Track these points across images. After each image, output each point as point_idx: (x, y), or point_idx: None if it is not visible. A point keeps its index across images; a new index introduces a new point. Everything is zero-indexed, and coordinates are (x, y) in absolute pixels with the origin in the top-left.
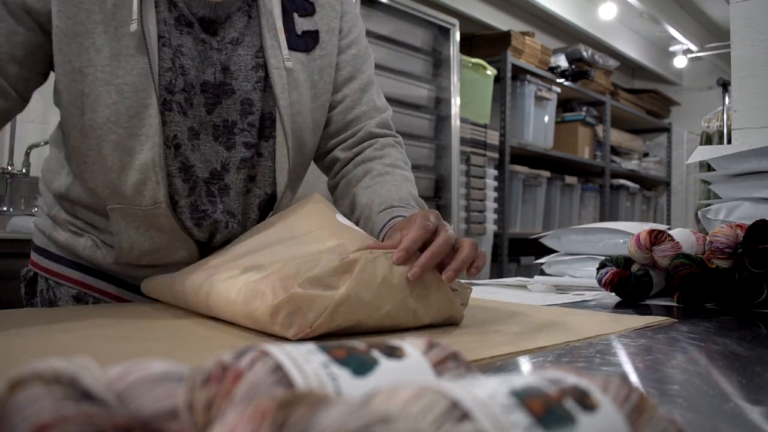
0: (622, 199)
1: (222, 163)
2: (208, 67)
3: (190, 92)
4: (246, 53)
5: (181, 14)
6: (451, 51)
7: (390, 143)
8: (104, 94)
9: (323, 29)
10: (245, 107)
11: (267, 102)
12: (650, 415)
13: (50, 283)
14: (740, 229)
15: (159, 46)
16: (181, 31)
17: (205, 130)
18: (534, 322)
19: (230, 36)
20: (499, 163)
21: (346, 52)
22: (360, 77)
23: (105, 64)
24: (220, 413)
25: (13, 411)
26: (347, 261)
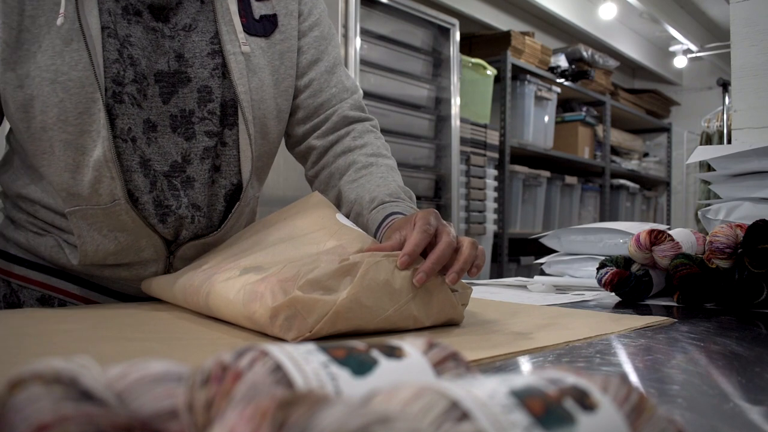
0: (622, 199)
1: (182, 155)
2: (161, 55)
3: (143, 83)
4: (200, 39)
5: (128, 3)
6: (451, 51)
7: (368, 129)
8: (51, 94)
9: (281, 12)
10: (203, 95)
11: (228, 89)
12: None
13: (13, 287)
14: (740, 229)
15: (104, 37)
16: (129, 20)
17: (162, 121)
18: (534, 322)
19: (183, 22)
20: (499, 163)
21: (308, 34)
22: (325, 59)
23: (49, 63)
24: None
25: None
26: (348, 263)
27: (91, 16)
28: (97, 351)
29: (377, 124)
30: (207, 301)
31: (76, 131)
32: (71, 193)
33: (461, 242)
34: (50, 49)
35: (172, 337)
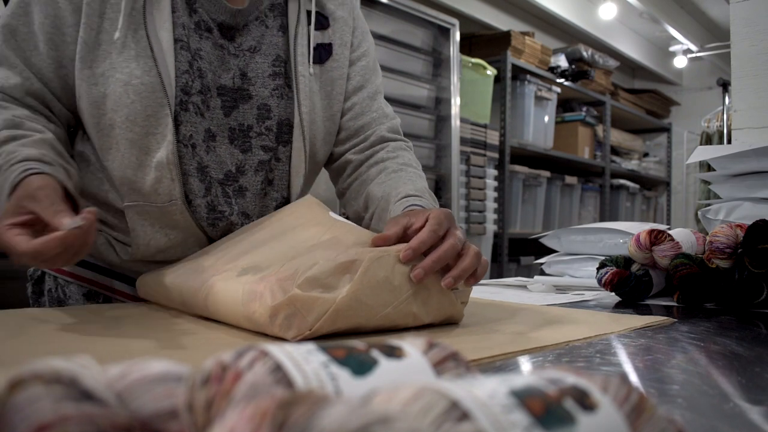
0: (622, 199)
1: (237, 166)
2: (226, 71)
3: (207, 94)
4: (263, 61)
5: (201, 20)
6: (451, 51)
7: (402, 147)
8: (123, 95)
9: (337, 42)
10: (262, 112)
11: (284, 109)
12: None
13: (59, 282)
14: (740, 229)
15: (177, 49)
16: (200, 35)
17: (222, 132)
18: (533, 321)
19: (248, 44)
20: (499, 163)
21: (357, 63)
22: (369, 87)
23: (124, 66)
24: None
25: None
26: (348, 261)
27: (163, 30)
28: (97, 351)
29: (411, 146)
30: (206, 302)
31: (142, 132)
32: (132, 189)
33: (466, 249)
34: (126, 53)
35: (172, 336)
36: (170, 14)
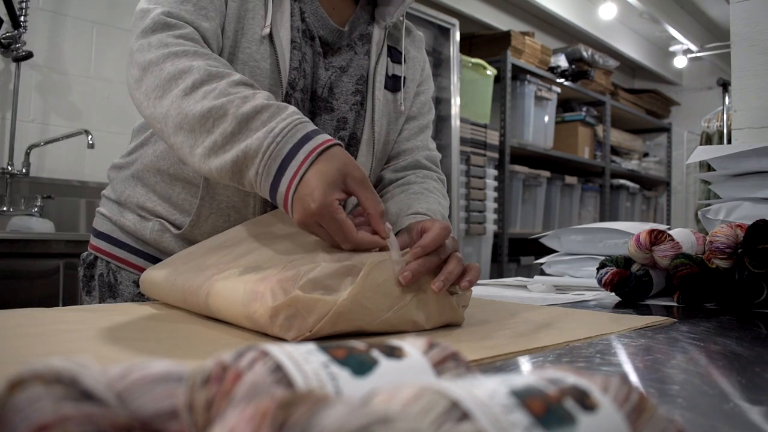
0: (622, 199)
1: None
2: (320, 80)
3: (305, 94)
4: (349, 81)
5: (307, 28)
6: (451, 51)
7: (432, 176)
8: (240, 71)
9: (409, 77)
10: (340, 124)
11: (357, 124)
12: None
13: (112, 267)
14: (740, 229)
15: (291, 48)
16: (306, 42)
17: None
18: (534, 322)
19: (339, 64)
20: (499, 163)
21: (417, 98)
22: (420, 119)
23: (246, 47)
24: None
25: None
26: (349, 264)
27: (283, 29)
28: (97, 351)
29: (444, 180)
30: (207, 301)
31: None
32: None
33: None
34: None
35: (171, 336)
36: (290, 17)
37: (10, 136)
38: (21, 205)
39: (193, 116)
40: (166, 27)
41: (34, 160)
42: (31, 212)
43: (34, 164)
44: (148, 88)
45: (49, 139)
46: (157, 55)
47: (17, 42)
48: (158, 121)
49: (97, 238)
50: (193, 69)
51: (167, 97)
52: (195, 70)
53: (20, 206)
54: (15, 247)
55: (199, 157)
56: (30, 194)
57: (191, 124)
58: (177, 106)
